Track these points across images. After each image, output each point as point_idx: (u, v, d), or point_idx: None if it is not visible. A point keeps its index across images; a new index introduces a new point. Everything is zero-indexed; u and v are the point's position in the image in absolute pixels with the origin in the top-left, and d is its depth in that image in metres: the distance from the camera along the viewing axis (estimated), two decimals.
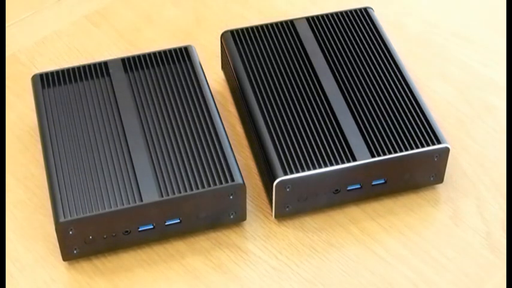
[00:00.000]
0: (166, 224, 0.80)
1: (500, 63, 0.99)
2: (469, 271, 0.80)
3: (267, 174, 0.82)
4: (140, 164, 0.80)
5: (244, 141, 0.90)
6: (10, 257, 0.81)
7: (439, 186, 0.86)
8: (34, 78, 0.89)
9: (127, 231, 0.79)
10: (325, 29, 0.93)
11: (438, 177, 0.85)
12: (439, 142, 0.83)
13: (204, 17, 1.05)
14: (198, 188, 0.78)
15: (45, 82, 0.88)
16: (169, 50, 0.91)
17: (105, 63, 0.90)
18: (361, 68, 0.89)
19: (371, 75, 0.88)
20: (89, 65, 0.89)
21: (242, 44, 0.92)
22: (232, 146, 0.82)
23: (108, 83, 0.88)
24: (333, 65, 0.89)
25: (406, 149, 0.82)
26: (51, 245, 0.81)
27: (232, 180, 0.79)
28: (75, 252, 0.79)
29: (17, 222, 0.84)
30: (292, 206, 0.82)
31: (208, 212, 0.80)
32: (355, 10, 0.95)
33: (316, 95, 0.87)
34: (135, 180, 0.79)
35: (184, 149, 0.82)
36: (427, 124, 0.84)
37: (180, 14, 1.05)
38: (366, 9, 0.96)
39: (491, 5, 1.07)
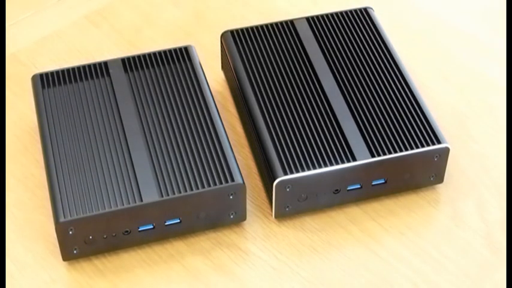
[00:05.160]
0: (166, 224, 0.80)
1: (500, 63, 0.99)
2: (469, 271, 0.80)
3: (267, 174, 0.82)
4: (140, 164, 0.80)
5: (244, 141, 0.90)
6: (10, 257, 0.81)
7: (439, 186, 0.86)
8: (34, 78, 0.89)
9: (127, 231, 0.79)
10: (325, 29, 0.93)
11: (438, 177, 0.85)
12: (439, 142, 0.83)
13: (204, 17, 1.05)
14: (198, 188, 0.78)
15: (45, 82, 0.88)
16: (169, 50, 0.91)
17: (105, 63, 0.90)
18: (361, 68, 0.89)
19: (371, 75, 0.88)
20: (89, 65, 0.89)
21: (242, 44, 0.92)
22: (232, 146, 0.82)
23: (108, 83, 0.88)
24: (333, 65, 0.89)
25: (406, 149, 0.82)
26: (51, 245, 0.81)
27: (232, 180, 0.79)
28: (75, 252, 0.79)
29: (17, 222, 0.84)
30: (292, 206, 0.82)
31: (208, 212, 0.80)
32: (355, 10, 0.95)
33: (316, 95, 0.87)
34: (135, 180, 0.79)
35: (184, 149, 0.82)
36: (427, 124, 0.84)
37: (180, 14, 1.05)
38: (366, 9, 0.96)
39: (491, 5, 1.07)
